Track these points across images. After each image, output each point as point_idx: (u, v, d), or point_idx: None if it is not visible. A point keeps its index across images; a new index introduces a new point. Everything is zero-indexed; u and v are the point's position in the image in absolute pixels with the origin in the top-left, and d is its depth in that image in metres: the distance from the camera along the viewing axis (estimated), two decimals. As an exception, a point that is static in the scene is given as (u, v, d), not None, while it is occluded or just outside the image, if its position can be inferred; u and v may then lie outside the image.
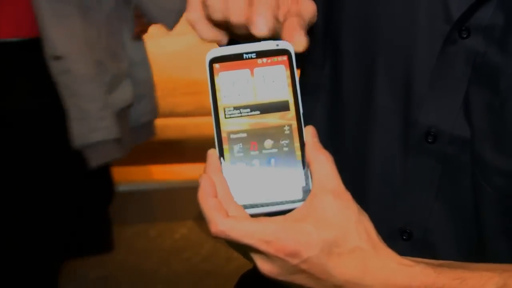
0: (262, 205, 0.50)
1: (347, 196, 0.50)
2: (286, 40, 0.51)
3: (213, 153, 0.51)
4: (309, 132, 0.51)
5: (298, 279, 0.50)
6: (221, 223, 0.48)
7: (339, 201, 0.49)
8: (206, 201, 0.49)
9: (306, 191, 0.50)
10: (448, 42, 0.55)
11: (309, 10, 0.54)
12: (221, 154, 0.51)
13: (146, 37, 2.39)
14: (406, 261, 0.50)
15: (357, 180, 0.53)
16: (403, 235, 0.60)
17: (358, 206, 0.50)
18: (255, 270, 0.51)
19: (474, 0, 0.52)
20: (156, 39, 2.30)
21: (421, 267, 0.50)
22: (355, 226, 0.49)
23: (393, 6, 0.58)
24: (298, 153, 0.51)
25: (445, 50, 0.55)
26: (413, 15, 0.57)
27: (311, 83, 0.65)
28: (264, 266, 0.50)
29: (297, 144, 0.51)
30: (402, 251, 0.51)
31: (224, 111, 0.51)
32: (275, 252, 0.48)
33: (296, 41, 0.51)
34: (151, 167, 2.42)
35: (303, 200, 0.50)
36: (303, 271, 0.49)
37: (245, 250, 0.50)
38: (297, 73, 0.52)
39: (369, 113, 0.60)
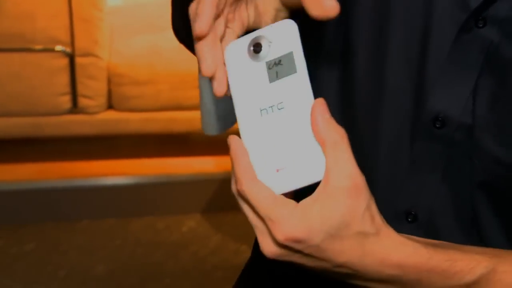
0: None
1: (361, 182, 0.49)
2: (313, 7, 0.48)
3: (235, 138, 0.52)
4: (318, 106, 0.49)
5: (300, 259, 0.51)
6: (247, 183, 0.50)
7: (353, 189, 0.49)
8: (240, 159, 0.50)
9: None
10: (463, 30, 0.55)
11: None
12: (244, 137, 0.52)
13: (154, 30, 2.39)
14: (401, 238, 0.51)
15: (365, 160, 0.53)
16: (408, 217, 0.60)
17: (369, 190, 0.50)
18: (256, 260, 0.52)
19: None
20: (164, 32, 2.30)
21: (414, 246, 0.51)
22: (362, 214, 0.49)
23: None
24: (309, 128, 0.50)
25: (460, 37, 0.55)
26: (431, 0, 0.57)
27: (323, 58, 0.64)
28: (267, 247, 0.50)
29: (308, 116, 0.50)
30: (407, 233, 0.53)
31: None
32: (277, 235, 0.49)
33: (327, 6, 0.48)
34: (159, 159, 2.42)
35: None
36: (306, 255, 0.50)
37: (253, 220, 0.51)
38: (302, 49, 0.51)
39: (380, 92, 0.60)
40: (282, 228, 0.49)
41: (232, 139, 0.51)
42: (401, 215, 0.60)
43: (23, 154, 2.38)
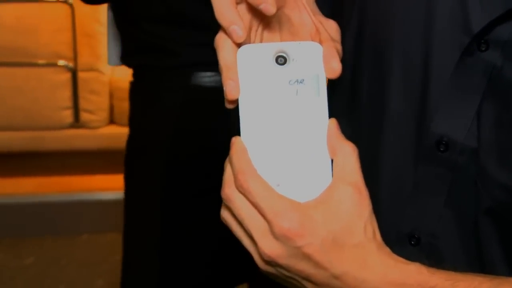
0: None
1: (365, 192, 0.50)
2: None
3: (239, 138, 0.51)
4: (333, 123, 0.51)
5: (298, 264, 0.50)
6: (250, 175, 0.50)
7: (358, 196, 0.50)
8: (241, 156, 0.50)
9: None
10: (466, 53, 0.55)
11: (335, 29, 0.55)
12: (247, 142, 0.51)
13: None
14: (402, 259, 0.51)
15: (368, 182, 0.54)
16: (411, 240, 0.60)
17: (371, 205, 0.51)
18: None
19: (496, 15, 0.52)
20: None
21: (416, 266, 0.51)
22: (364, 224, 0.50)
23: (411, 11, 0.58)
24: (324, 146, 0.51)
25: (463, 61, 0.55)
26: (430, 23, 0.57)
27: (333, 81, 0.65)
28: (266, 246, 0.49)
29: (323, 136, 0.51)
30: (409, 256, 0.52)
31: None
32: (279, 229, 0.48)
33: (331, 68, 0.51)
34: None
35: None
36: (304, 256, 0.49)
37: (252, 220, 0.50)
38: (324, 73, 0.52)
39: (383, 117, 0.61)
40: (287, 218, 0.48)
41: (235, 139, 0.51)
42: (404, 237, 0.60)
43: (24, 167, 2.39)
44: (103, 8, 2.34)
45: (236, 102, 0.52)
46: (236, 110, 0.52)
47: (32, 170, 2.38)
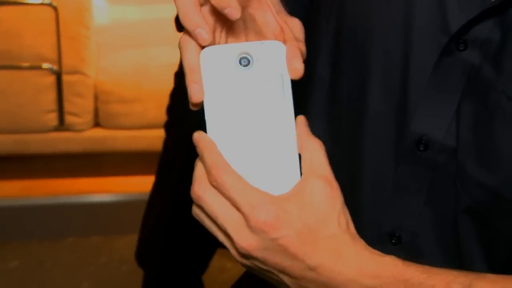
0: None
1: (336, 185, 0.52)
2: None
3: (202, 133, 0.52)
4: (301, 121, 0.52)
5: (274, 257, 0.50)
6: (224, 170, 0.50)
7: (329, 188, 0.51)
8: (211, 151, 0.51)
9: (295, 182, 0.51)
10: (444, 53, 0.55)
11: (299, 28, 0.56)
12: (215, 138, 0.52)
13: (140, 48, 2.40)
14: (377, 251, 0.52)
15: (350, 182, 0.54)
16: (392, 239, 0.61)
17: (343, 198, 0.52)
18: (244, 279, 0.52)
19: (474, 15, 0.53)
20: (151, 50, 2.31)
21: (391, 258, 0.51)
22: (338, 215, 0.51)
23: (390, 12, 0.59)
24: (292, 143, 0.52)
25: (442, 61, 0.56)
26: (409, 23, 0.57)
27: (312, 80, 0.66)
28: (242, 239, 0.50)
29: (290, 134, 0.52)
30: (391, 254, 0.52)
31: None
32: (255, 221, 0.49)
33: (294, 69, 0.52)
34: (146, 177, 2.41)
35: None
36: (280, 248, 0.50)
37: (226, 216, 0.50)
38: (287, 71, 0.52)
39: (363, 116, 0.61)
40: (262, 210, 0.49)
41: (200, 134, 0.52)
42: (385, 236, 0.61)
43: (8, 171, 2.37)
44: (88, 11, 2.34)
45: (200, 104, 0.52)
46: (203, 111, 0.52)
47: (16, 173, 2.37)
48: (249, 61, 0.52)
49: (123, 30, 2.60)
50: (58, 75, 2.25)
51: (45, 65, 2.23)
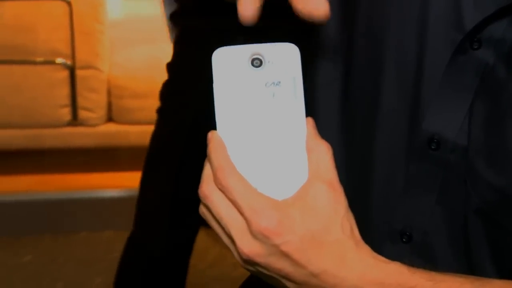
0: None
1: (340, 190, 0.51)
2: (304, 8, 0.48)
3: (216, 134, 0.51)
4: (310, 123, 0.52)
5: (276, 263, 0.50)
6: (229, 173, 0.49)
7: (333, 193, 0.50)
8: (219, 152, 0.50)
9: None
10: (458, 51, 0.55)
11: None
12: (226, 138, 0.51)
13: (154, 43, 2.40)
14: (382, 257, 0.51)
15: (361, 179, 0.53)
16: (403, 238, 0.60)
17: (347, 203, 0.51)
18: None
19: (489, 13, 0.52)
20: (164, 45, 2.31)
21: (396, 265, 0.50)
22: (341, 221, 0.50)
23: (404, 9, 0.58)
24: (301, 146, 0.51)
25: (456, 59, 0.55)
26: (424, 20, 0.57)
27: (324, 78, 0.65)
28: (244, 244, 0.49)
29: (300, 137, 0.51)
30: (401, 253, 0.52)
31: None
32: (257, 227, 0.48)
33: (317, 7, 0.47)
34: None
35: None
36: (283, 254, 0.49)
37: (230, 218, 0.50)
38: (301, 71, 0.52)
39: (376, 114, 0.61)
40: (264, 216, 0.48)
41: (213, 134, 0.51)
42: (396, 234, 0.60)
43: (21, 165, 2.38)
44: (102, 6, 2.34)
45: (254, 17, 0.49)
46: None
47: (30, 168, 2.38)
48: (261, 62, 0.51)
49: (137, 25, 2.60)
50: (72, 70, 2.25)
51: (59, 60, 2.23)
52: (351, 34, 0.62)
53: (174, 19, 1.41)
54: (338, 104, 0.65)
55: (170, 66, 1.51)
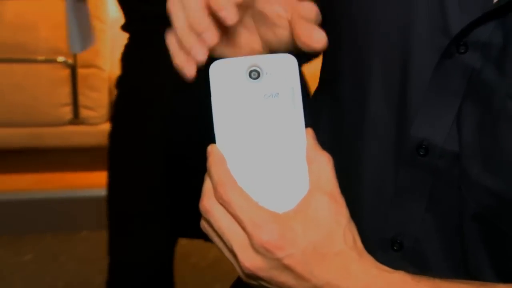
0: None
1: (341, 201, 0.50)
2: (303, 40, 0.51)
3: (216, 147, 0.51)
4: (309, 134, 0.51)
5: (279, 276, 0.49)
6: (230, 187, 0.49)
7: (334, 204, 0.50)
8: (220, 166, 0.50)
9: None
10: (445, 55, 0.54)
11: (312, 11, 0.54)
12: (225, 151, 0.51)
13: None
14: (385, 267, 0.51)
15: (350, 187, 0.53)
16: (394, 245, 0.60)
17: (349, 214, 0.51)
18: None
19: (475, 18, 0.52)
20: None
21: (400, 274, 0.50)
22: (343, 232, 0.50)
23: (389, 14, 0.58)
24: (301, 157, 0.51)
25: (442, 63, 0.54)
26: (410, 25, 0.56)
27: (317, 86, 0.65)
28: (247, 259, 0.49)
29: (300, 148, 0.51)
30: (393, 261, 0.51)
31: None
32: (259, 241, 0.48)
33: (317, 40, 0.50)
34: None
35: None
36: (285, 267, 0.49)
37: (231, 233, 0.49)
38: (299, 82, 0.51)
39: (363, 121, 0.60)
40: (266, 230, 0.48)
41: (212, 148, 0.51)
42: (387, 243, 0.60)
43: (23, 164, 2.38)
44: (103, 5, 2.34)
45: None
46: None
47: (31, 166, 2.38)
48: (259, 74, 0.51)
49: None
50: (73, 69, 2.25)
51: (60, 59, 2.23)
52: (336, 42, 0.61)
53: (124, 28, 1.42)
54: (328, 116, 0.64)
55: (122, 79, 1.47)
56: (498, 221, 0.54)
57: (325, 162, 0.50)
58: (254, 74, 0.51)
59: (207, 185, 0.51)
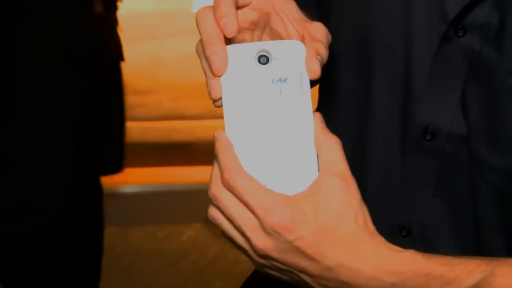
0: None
1: (353, 182, 0.51)
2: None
3: (222, 133, 0.51)
4: (317, 118, 0.51)
5: (291, 258, 0.50)
6: (237, 173, 0.49)
7: (345, 186, 0.50)
8: (227, 151, 0.50)
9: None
10: (444, 40, 0.55)
11: (321, 31, 0.55)
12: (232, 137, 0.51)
13: (155, 39, 2.40)
14: (396, 247, 0.51)
15: (356, 176, 0.54)
16: (402, 232, 0.60)
17: (360, 195, 0.51)
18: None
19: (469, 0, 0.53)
20: (165, 42, 2.31)
21: (411, 253, 0.51)
22: (355, 213, 0.50)
23: (388, 4, 0.58)
24: (309, 141, 0.51)
25: (442, 48, 0.55)
26: (409, 13, 0.57)
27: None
28: (259, 241, 0.49)
29: (308, 132, 0.51)
30: (402, 247, 0.52)
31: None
32: (270, 225, 0.48)
33: (310, 70, 0.52)
34: (159, 169, 2.42)
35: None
36: (297, 249, 0.49)
37: (242, 217, 0.50)
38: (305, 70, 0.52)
39: (367, 111, 0.61)
40: (276, 213, 0.48)
41: (219, 134, 0.51)
42: (395, 229, 0.60)
43: None
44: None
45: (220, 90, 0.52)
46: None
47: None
48: (268, 59, 0.52)
49: (138, 21, 2.60)
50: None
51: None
52: (336, 34, 0.62)
53: None
54: (327, 103, 0.65)
55: None
56: (510, 199, 0.55)
57: (333, 145, 0.51)
58: (263, 59, 0.52)
59: (215, 172, 0.51)
